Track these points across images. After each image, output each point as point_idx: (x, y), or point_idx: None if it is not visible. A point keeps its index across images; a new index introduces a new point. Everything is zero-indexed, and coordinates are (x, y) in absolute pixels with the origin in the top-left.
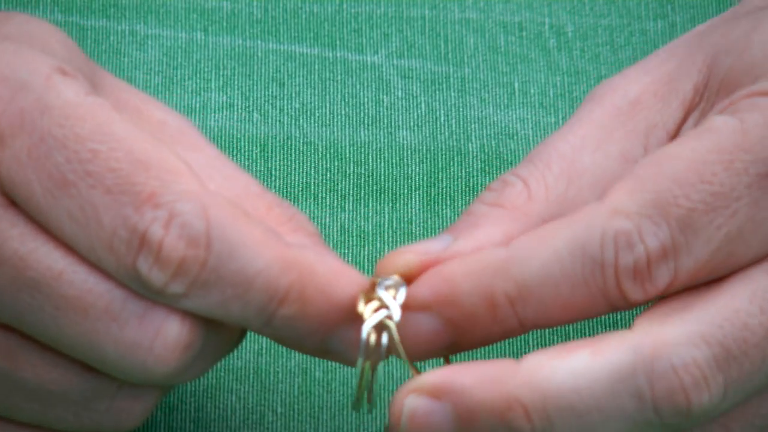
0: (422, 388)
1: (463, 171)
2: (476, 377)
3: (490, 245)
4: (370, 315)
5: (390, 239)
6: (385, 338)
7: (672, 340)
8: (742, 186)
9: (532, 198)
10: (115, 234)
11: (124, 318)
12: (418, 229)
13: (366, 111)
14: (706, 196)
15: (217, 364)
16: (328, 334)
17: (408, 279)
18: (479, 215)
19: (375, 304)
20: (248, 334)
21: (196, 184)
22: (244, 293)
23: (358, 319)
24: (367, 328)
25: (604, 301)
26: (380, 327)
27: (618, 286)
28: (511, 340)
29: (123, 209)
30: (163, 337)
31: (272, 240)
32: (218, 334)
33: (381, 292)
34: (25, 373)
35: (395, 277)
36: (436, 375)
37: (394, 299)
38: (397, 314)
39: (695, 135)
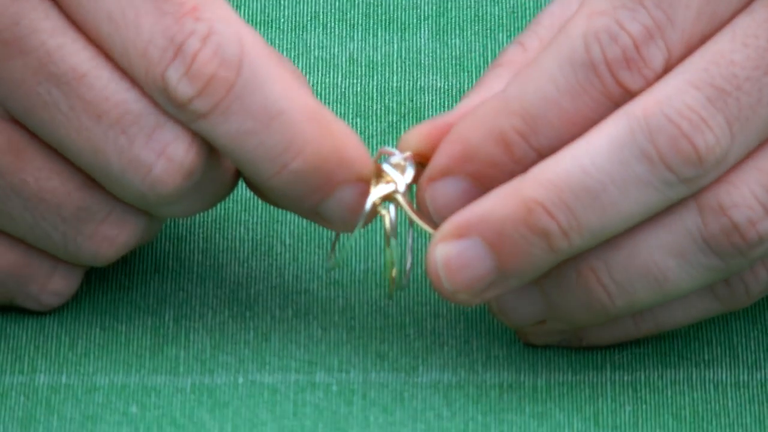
0: (447, 234)
1: (472, 0)
2: (491, 201)
3: None
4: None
5: (399, 69)
6: (392, 212)
7: (660, 95)
8: None
9: (527, 50)
10: (151, 40)
11: (134, 132)
12: (426, 59)
13: None
14: None
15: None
16: (329, 194)
17: (424, 157)
18: (483, 78)
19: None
20: None
21: (235, 14)
22: (263, 129)
23: (361, 184)
24: (372, 199)
25: (609, 102)
26: (390, 201)
27: (616, 80)
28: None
29: (164, 17)
30: (166, 158)
31: (300, 88)
32: (215, 175)
33: (386, 167)
34: (27, 175)
35: (405, 153)
36: (456, 217)
37: (402, 175)
38: (402, 185)
39: None
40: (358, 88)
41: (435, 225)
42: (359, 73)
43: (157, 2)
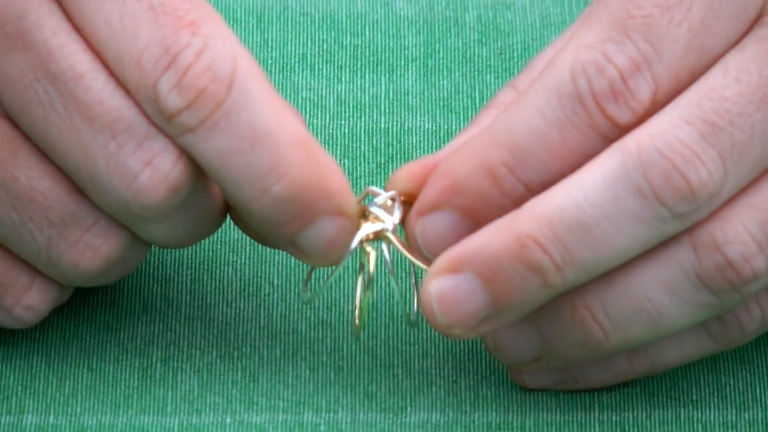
0: (440, 269)
1: (460, 42)
2: (485, 236)
3: None
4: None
5: (386, 110)
6: (385, 251)
7: (653, 130)
8: None
9: (519, 93)
10: (146, 48)
11: (124, 139)
12: (414, 100)
13: None
14: (659, 0)
15: (203, 240)
16: (308, 224)
17: (411, 196)
18: (474, 120)
19: (372, 221)
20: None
21: (232, 34)
22: (248, 149)
23: (341, 218)
24: (360, 236)
25: (596, 135)
26: (379, 240)
27: (602, 113)
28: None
29: (161, 28)
30: (153, 168)
31: (290, 114)
32: (202, 200)
33: (374, 208)
34: (19, 173)
35: (391, 192)
36: (449, 252)
37: (390, 215)
38: (390, 224)
39: None
40: (346, 129)
41: (427, 261)
42: (347, 114)
43: (156, 13)
